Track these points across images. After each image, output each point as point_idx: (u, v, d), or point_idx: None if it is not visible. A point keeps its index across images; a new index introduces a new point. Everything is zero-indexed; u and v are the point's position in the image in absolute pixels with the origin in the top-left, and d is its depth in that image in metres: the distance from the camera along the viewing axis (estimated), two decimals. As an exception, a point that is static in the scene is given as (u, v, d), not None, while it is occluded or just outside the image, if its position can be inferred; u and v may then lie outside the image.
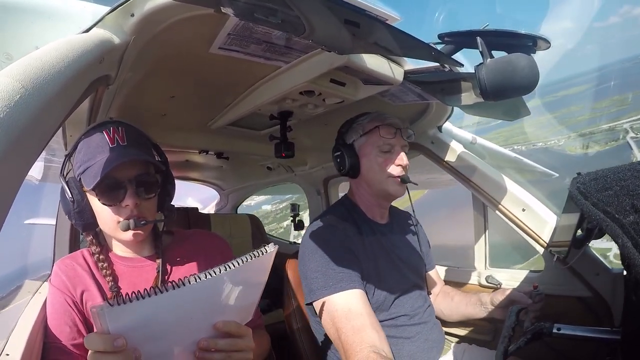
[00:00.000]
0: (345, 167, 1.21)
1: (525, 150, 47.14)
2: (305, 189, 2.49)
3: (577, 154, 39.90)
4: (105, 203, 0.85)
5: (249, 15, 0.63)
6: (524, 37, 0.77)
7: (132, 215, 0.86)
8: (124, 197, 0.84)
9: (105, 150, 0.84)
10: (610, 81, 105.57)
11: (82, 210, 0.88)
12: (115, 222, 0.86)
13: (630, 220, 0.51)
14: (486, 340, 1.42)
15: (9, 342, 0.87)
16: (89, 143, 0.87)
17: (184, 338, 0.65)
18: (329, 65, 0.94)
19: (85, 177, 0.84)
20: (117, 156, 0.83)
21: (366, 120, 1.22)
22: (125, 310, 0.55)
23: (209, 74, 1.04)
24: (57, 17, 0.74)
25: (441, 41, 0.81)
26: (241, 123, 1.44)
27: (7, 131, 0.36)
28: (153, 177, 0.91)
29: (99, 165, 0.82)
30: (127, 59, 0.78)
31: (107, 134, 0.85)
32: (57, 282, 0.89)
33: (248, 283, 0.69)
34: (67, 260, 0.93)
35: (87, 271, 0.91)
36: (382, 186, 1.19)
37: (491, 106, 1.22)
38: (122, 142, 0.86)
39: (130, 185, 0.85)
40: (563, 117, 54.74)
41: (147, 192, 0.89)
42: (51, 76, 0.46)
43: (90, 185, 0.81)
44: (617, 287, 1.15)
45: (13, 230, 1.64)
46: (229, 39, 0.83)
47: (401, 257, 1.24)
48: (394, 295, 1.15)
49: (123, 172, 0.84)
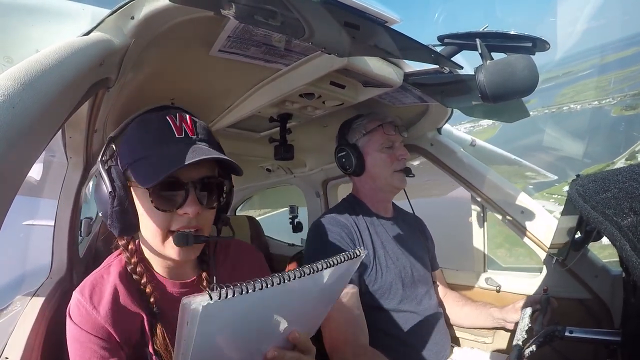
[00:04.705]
0: (352, 165, 1.26)
1: (580, 109, 45.97)
2: (305, 191, 2.49)
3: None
4: (158, 207, 0.67)
5: (248, 18, 0.63)
6: (524, 39, 0.77)
7: (188, 227, 0.69)
8: (184, 203, 0.67)
9: (170, 141, 0.68)
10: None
11: (124, 209, 0.69)
12: (165, 232, 0.69)
13: (628, 223, 0.51)
14: (487, 342, 1.42)
15: (7, 345, 0.87)
16: (146, 127, 0.70)
17: (255, 344, 0.57)
18: (328, 68, 0.94)
19: (138, 171, 0.67)
20: (187, 152, 0.66)
21: (366, 121, 1.27)
22: (224, 307, 0.46)
23: (208, 77, 1.04)
24: (58, 20, 0.74)
25: (441, 43, 0.82)
26: (241, 125, 1.44)
27: (7, 133, 0.36)
28: (220, 182, 0.74)
29: (161, 159, 0.65)
30: (127, 62, 0.78)
31: (172, 120, 0.69)
32: (78, 318, 0.70)
33: (331, 288, 0.63)
34: (94, 285, 0.73)
35: (124, 296, 0.73)
36: (388, 180, 1.25)
37: (490, 108, 1.22)
38: (192, 133, 0.70)
39: (193, 189, 0.68)
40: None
41: (210, 199, 0.72)
42: (51, 79, 0.46)
43: (145, 182, 0.64)
44: (616, 289, 1.16)
45: (13, 231, 1.63)
46: (229, 41, 0.84)
47: (408, 248, 1.28)
48: (400, 283, 1.18)
49: (187, 172, 0.67)
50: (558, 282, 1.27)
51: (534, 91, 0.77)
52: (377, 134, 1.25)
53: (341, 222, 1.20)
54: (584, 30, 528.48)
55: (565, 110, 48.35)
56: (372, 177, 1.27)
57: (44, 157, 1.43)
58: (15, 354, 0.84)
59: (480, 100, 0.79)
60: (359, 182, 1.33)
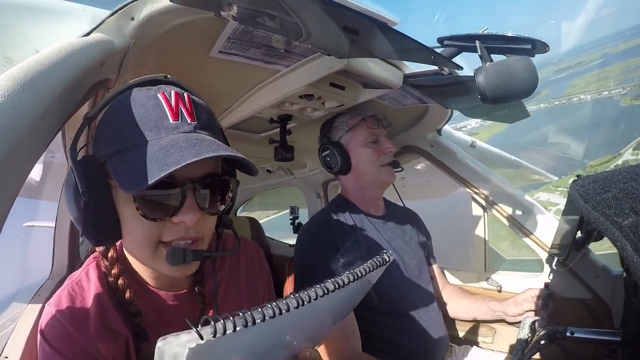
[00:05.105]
0: (338, 164, 1.23)
1: (590, 100, 45.65)
2: (305, 192, 2.49)
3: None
4: (146, 215, 0.51)
5: (248, 19, 0.63)
6: (523, 41, 0.77)
7: (185, 237, 0.55)
8: (179, 209, 0.52)
9: (162, 127, 0.52)
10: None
11: (100, 212, 0.52)
12: (155, 244, 0.55)
13: (629, 223, 0.51)
14: (487, 342, 1.42)
15: (7, 345, 0.87)
16: (133, 107, 0.53)
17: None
18: (328, 69, 0.94)
19: (118, 168, 0.51)
20: (186, 146, 0.49)
21: (347, 117, 1.25)
22: (219, 345, 0.33)
23: (208, 78, 1.04)
24: (58, 21, 0.74)
25: (441, 45, 0.82)
26: (240, 126, 1.44)
27: (7, 134, 0.36)
28: (225, 180, 0.58)
29: (149, 155, 0.48)
30: (127, 63, 0.78)
31: (166, 100, 0.53)
32: (57, 341, 0.55)
33: (351, 298, 0.55)
34: (73, 298, 0.58)
35: (108, 311, 0.59)
36: (376, 176, 1.22)
37: (490, 109, 1.23)
38: (190, 118, 0.54)
39: (191, 191, 0.53)
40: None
41: (213, 202, 0.57)
42: (52, 80, 0.46)
43: (128, 186, 0.48)
44: (617, 289, 1.15)
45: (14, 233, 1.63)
46: (229, 42, 0.84)
47: (402, 247, 1.25)
48: (394, 285, 1.16)
49: (185, 169, 0.47)
50: (559, 282, 1.27)
51: (533, 93, 0.78)
52: (360, 129, 1.22)
53: (329, 227, 1.17)
54: (596, 18, 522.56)
55: (575, 101, 48.09)
56: (359, 174, 1.24)
57: (44, 158, 1.43)
58: (15, 354, 0.84)
59: (480, 101, 0.79)
60: (346, 180, 1.29)
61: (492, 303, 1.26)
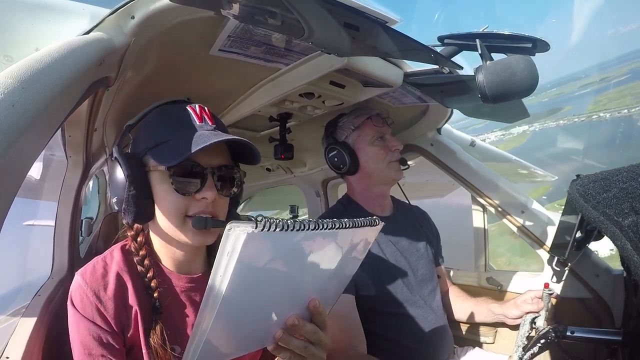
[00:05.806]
0: (346, 164, 1.22)
1: (610, 118, 45.38)
2: (305, 191, 2.49)
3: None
4: (178, 190, 0.67)
5: (248, 18, 0.63)
6: (524, 40, 0.77)
7: (205, 212, 0.70)
8: (201, 188, 0.68)
9: (191, 126, 0.70)
10: None
11: (140, 193, 0.68)
12: (182, 216, 0.69)
13: (629, 222, 0.51)
14: (488, 342, 1.42)
15: (9, 345, 0.87)
16: (167, 115, 0.72)
17: (279, 306, 0.57)
18: (328, 68, 0.94)
19: (160, 153, 0.68)
20: (210, 135, 0.68)
21: (352, 117, 1.24)
22: (265, 241, 0.45)
23: (208, 76, 1.04)
24: (58, 19, 0.75)
25: (441, 43, 0.82)
26: (240, 124, 1.44)
27: (7, 132, 0.36)
28: (236, 172, 0.75)
29: (184, 141, 0.66)
30: (127, 61, 0.78)
31: (192, 110, 0.72)
32: (80, 305, 0.69)
33: (349, 259, 0.63)
34: (96, 270, 0.72)
35: (125, 286, 0.72)
36: (385, 173, 1.21)
37: (490, 108, 1.22)
38: (211, 122, 0.72)
39: (211, 175, 0.70)
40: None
41: (226, 187, 0.73)
42: (51, 77, 0.46)
43: (169, 161, 0.65)
44: (617, 289, 1.15)
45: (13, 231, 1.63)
46: (229, 41, 0.84)
47: (407, 248, 1.24)
48: (400, 286, 1.15)
49: (207, 157, 0.69)
50: (559, 281, 1.27)
51: (533, 92, 0.77)
52: (366, 128, 1.22)
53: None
54: (625, 32, 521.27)
55: (595, 118, 47.74)
56: (368, 173, 1.23)
57: (44, 156, 1.43)
58: (16, 354, 0.84)
59: (480, 100, 0.78)
60: (354, 180, 1.28)
61: (492, 305, 1.26)
